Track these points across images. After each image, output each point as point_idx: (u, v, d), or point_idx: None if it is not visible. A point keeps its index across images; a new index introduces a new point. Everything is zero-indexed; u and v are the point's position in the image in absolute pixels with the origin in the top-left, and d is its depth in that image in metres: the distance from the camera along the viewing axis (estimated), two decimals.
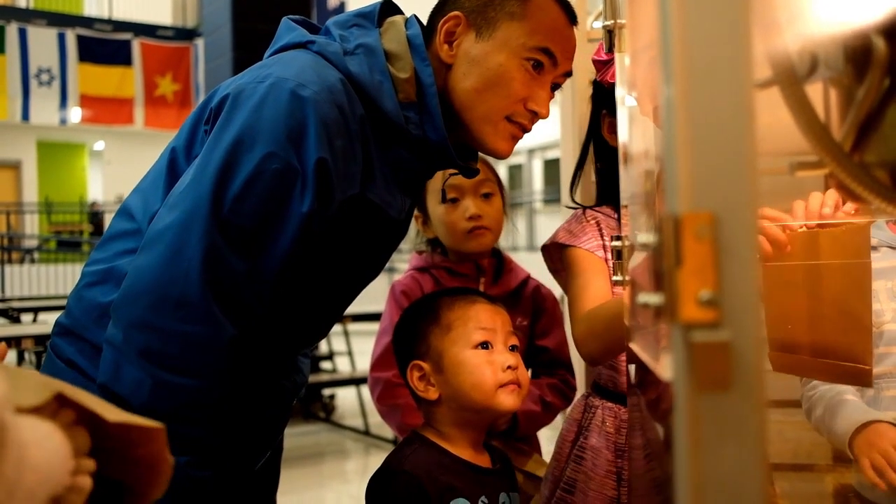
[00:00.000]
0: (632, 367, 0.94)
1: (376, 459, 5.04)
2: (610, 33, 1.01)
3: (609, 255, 1.44)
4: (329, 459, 5.14)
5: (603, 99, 1.53)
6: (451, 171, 1.33)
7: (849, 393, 1.41)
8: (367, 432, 5.27)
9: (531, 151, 12.74)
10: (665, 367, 0.54)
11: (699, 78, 0.51)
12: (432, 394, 1.27)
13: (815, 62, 0.67)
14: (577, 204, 1.59)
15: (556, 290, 1.75)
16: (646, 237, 0.54)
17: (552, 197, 11.77)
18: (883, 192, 0.64)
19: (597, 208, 1.54)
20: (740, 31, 0.51)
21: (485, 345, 1.26)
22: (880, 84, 0.62)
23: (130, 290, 1.04)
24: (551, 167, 12.02)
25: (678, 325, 0.50)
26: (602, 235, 1.48)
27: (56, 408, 0.64)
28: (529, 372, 1.79)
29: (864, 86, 0.63)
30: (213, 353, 1.02)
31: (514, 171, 13.21)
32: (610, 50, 1.03)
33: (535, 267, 1.87)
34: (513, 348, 1.29)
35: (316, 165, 1.05)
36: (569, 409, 1.75)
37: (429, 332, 1.29)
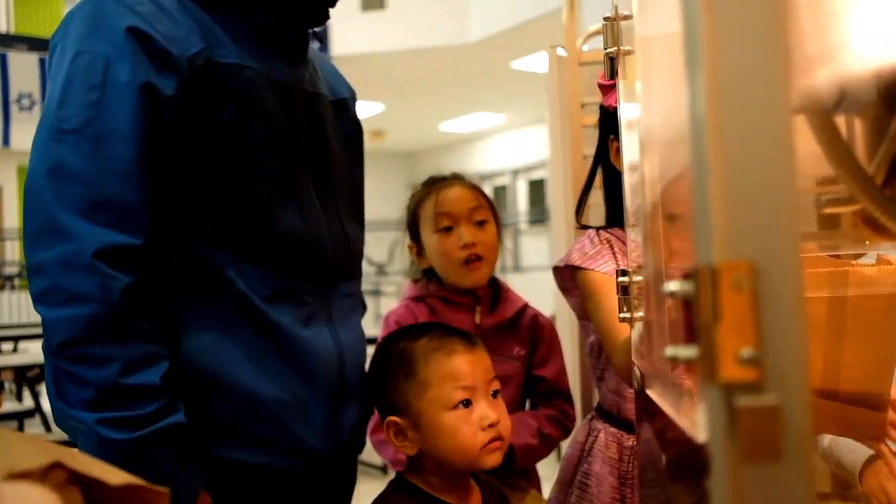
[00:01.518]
0: (639, 407, 0.90)
1: (367, 487, 4.96)
2: (612, 60, 0.98)
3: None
4: None
5: (610, 123, 1.50)
6: (442, 198, 1.28)
7: None
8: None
9: (516, 172, 12.75)
10: (700, 430, 0.49)
11: (734, 112, 0.47)
12: (409, 450, 1.21)
13: (843, 94, 0.63)
14: (585, 226, 1.56)
15: (561, 314, 1.71)
16: (674, 285, 0.49)
17: (537, 218, 11.77)
18: None
19: (609, 229, 1.51)
20: (777, 58, 0.47)
21: (465, 402, 1.20)
22: None
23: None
24: (536, 188, 12.03)
25: (716, 386, 0.46)
26: (616, 257, 1.45)
27: (46, 469, 0.59)
28: (528, 404, 1.75)
29: None
30: (80, 269, 0.99)
31: (499, 191, 13.21)
32: (612, 76, 0.99)
33: (521, 288, 1.83)
34: (494, 394, 1.23)
35: (126, 34, 1.04)
36: (573, 431, 1.70)
37: (404, 387, 1.22)
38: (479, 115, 11.52)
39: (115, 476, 0.61)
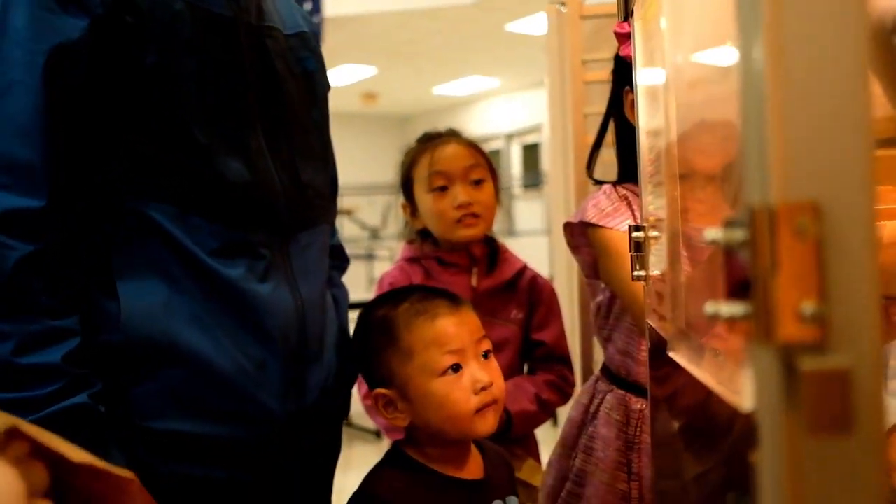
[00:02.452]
0: (658, 373, 0.84)
1: (359, 452, 4.94)
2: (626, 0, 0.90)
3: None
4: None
5: (625, 75, 1.42)
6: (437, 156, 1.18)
7: None
8: (349, 423, 5.16)
9: (510, 136, 12.63)
10: (747, 398, 0.43)
11: (797, 27, 0.40)
12: (401, 422, 1.14)
13: None
14: (599, 181, 1.48)
15: (559, 278, 1.65)
16: (716, 233, 0.43)
17: (531, 182, 11.69)
18: None
19: (626, 185, 1.43)
20: None
21: (455, 367, 1.12)
22: None
23: None
24: (530, 152, 11.93)
25: (773, 347, 0.39)
26: (634, 215, 1.37)
27: (4, 441, 0.53)
28: (525, 368, 1.69)
29: None
30: None
31: (493, 156, 13.07)
32: (626, 18, 0.91)
33: (516, 252, 1.76)
34: (485, 355, 1.16)
35: None
36: (577, 393, 1.65)
37: (389, 357, 1.14)
38: (473, 79, 11.37)
39: (76, 453, 0.54)
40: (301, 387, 1.12)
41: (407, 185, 1.66)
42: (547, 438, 1.72)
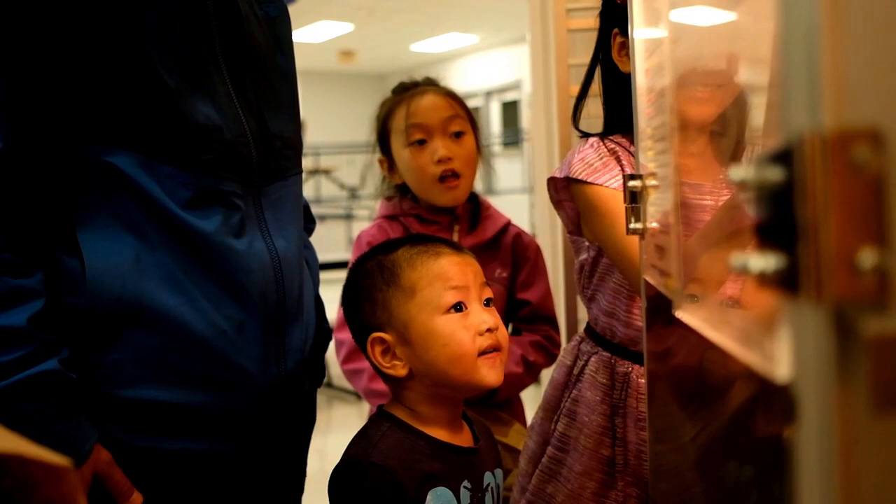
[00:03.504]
0: (656, 335, 0.77)
1: (339, 413, 4.91)
2: None
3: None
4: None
5: (614, 17, 1.33)
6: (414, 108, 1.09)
7: None
8: (329, 384, 5.11)
9: (489, 94, 12.50)
10: (785, 366, 0.36)
11: None
12: (400, 370, 1.05)
13: None
14: (586, 133, 1.40)
15: (541, 237, 1.58)
16: (748, 171, 0.35)
17: (510, 140, 11.59)
18: None
19: (613, 138, 1.35)
20: None
21: (458, 306, 1.05)
22: None
23: None
24: (509, 109, 11.81)
25: (823, 306, 0.32)
26: (624, 171, 1.30)
27: None
28: (510, 328, 1.63)
29: None
30: None
31: (472, 113, 12.98)
32: None
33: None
34: (487, 302, 1.09)
35: None
36: (560, 353, 1.60)
37: (388, 296, 1.06)
38: (451, 36, 11.21)
39: (4, 440, 0.47)
40: (281, 349, 1.06)
41: (383, 138, 1.58)
42: (532, 400, 1.66)
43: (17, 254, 0.90)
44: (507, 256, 1.59)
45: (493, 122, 12.67)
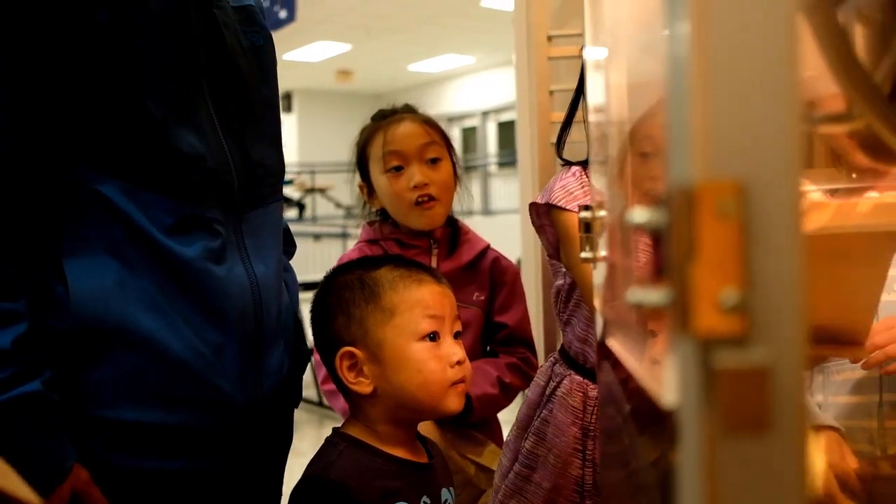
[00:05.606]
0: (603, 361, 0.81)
1: (330, 431, 4.90)
2: None
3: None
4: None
5: None
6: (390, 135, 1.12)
7: None
8: (319, 403, 5.12)
9: (486, 114, 12.57)
10: (669, 393, 0.40)
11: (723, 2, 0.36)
12: (364, 387, 1.07)
13: None
14: (568, 161, 1.44)
15: (527, 259, 1.61)
16: (642, 215, 0.39)
17: (507, 160, 11.65)
18: None
19: None
20: None
21: (432, 335, 1.08)
22: None
23: None
24: (506, 129, 11.89)
25: (690, 338, 0.36)
26: None
27: None
28: (488, 350, 1.66)
29: None
30: None
31: (469, 133, 13.04)
32: None
33: (490, 232, 1.73)
34: (456, 335, 1.13)
35: None
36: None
37: (366, 314, 1.08)
38: (448, 57, 11.30)
39: None
40: (259, 371, 1.09)
41: (362, 164, 1.62)
42: (508, 423, 1.70)
43: (2, 277, 0.93)
44: (486, 280, 1.63)
45: (490, 143, 12.73)
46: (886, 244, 0.90)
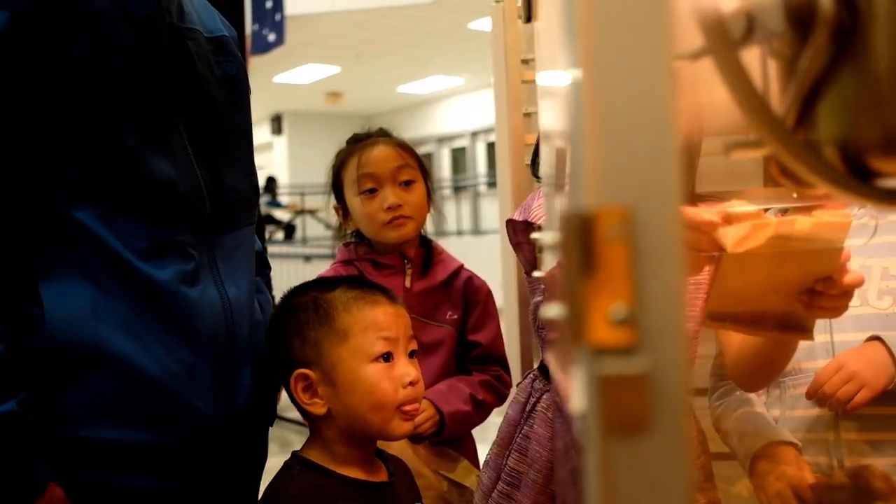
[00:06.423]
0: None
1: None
2: (528, 1, 0.91)
3: None
4: (271, 453, 4.95)
5: None
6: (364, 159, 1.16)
7: (754, 403, 1.37)
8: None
9: (475, 134, 12.65)
10: (574, 399, 0.44)
11: (609, 44, 0.41)
12: (319, 408, 1.10)
13: (752, 24, 0.57)
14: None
15: (508, 275, 1.65)
16: (551, 237, 0.43)
17: (496, 180, 11.72)
18: (830, 175, 0.54)
19: None
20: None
21: (386, 356, 1.11)
22: (826, 50, 0.53)
23: None
24: (494, 150, 11.98)
25: (585, 350, 0.40)
26: None
27: None
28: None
29: (808, 52, 0.54)
30: None
31: (458, 153, 13.13)
32: (528, 20, 0.92)
33: (481, 251, 1.76)
34: (412, 354, 1.16)
35: None
36: (514, 391, 1.66)
37: (320, 336, 1.11)
38: (437, 78, 11.39)
39: None
40: (232, 390, 1.12)
41: (337, 187, 1.66)
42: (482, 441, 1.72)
43: None
44: (459, 299, 1.67)
45: (479, 163, 12.81)
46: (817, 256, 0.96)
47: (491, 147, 12.17)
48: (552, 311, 0.45)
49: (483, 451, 1.66)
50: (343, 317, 1.11)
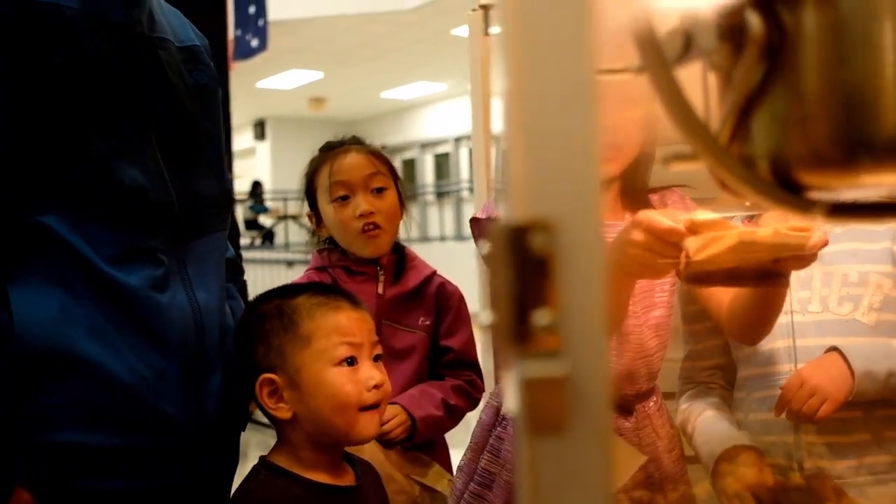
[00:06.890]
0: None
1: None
2: (486, 11, 0.93)
3: None
4: (253, 459, 4.94)
5: None
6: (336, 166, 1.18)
7: (717, 408, 1.41)
8: None
9: (458, 140, 12.70)
10: (507, 400, 0.46)
11: (535, 62, 0.43)
12: (284, 412, 1.12)
13: (689, 42, 0.60)
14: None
15: (467, 283, 1.68)
16: (485, 247, 0.46)
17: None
18: (758, 186, 0.57)
19: None
20: (582, 10, 0.43)
21: (350, 360, 1.13)
22: (757, 68, 0.55)
23: None
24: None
25: (512, 354, 0.42)
26: None
27: None
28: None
29: (740, 70, 0.56)
30: None
31: (441, 159, 13.18)
32: (486, 32, 0.94)
33: (464, 257, 1.78)
34: (376, 358, 1.18)
35: None
36: (487, 395, 1.68)
37: (284, 342, 1.13)
38: (420, 84, 11.43)
39: None
40: (201, 394, 1.13)
41: (310, 194, 1.68)
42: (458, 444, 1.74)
43: None
44: (431, 305, 1.69)
45: (463, 169, 12.84)
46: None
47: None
48: (486, 317, 0.47)
49: (456, 457, 1.68)
50: (307, 322, 1.13)
